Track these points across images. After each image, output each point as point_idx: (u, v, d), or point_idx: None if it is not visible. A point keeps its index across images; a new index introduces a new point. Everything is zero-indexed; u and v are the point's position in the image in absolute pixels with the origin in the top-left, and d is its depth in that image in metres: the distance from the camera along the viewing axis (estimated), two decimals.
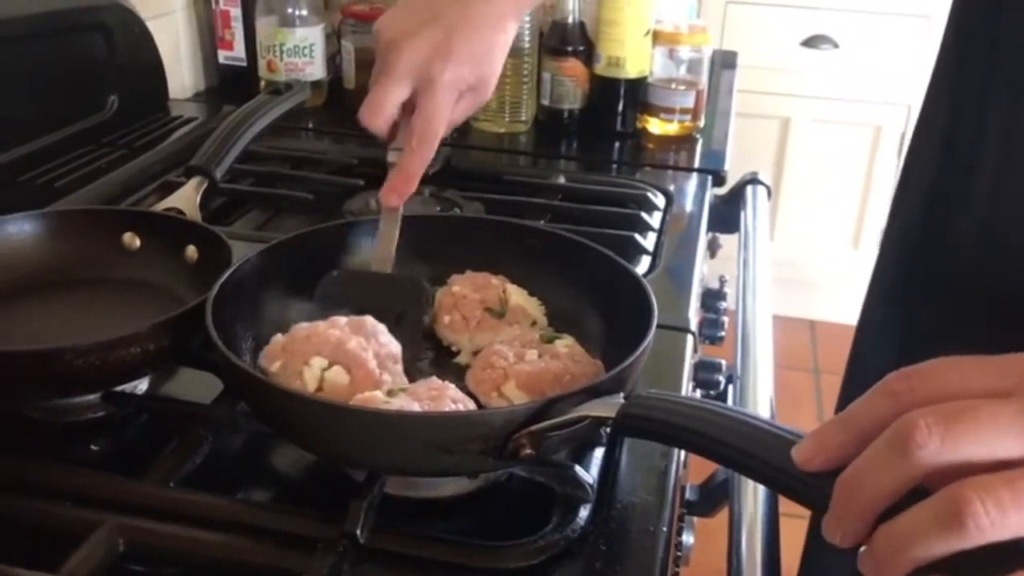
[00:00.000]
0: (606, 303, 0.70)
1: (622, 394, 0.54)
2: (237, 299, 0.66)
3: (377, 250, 0.73)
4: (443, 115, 0.73)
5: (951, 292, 0.72)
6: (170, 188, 0.95)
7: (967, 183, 0.69)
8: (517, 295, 0.72)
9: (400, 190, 0.73)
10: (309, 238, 0.75)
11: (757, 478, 0.46)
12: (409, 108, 0.74)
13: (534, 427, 0.52)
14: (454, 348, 0.71)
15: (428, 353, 0.71)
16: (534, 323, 0.71)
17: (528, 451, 0.52)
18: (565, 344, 0.66)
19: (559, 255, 0.74)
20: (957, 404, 0.36)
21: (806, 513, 0.44)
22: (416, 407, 0.56)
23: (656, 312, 0.62)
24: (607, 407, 0.52)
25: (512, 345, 0.65)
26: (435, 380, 0.60)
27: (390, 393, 0.58)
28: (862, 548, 0.39)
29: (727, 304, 1.10)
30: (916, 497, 0.37)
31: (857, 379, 0.86)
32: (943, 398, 0.37)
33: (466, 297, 0.71)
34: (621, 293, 0.68)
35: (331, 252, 0.75)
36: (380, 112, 0.73)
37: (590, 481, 0.58)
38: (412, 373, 0.65)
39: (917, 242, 0.76)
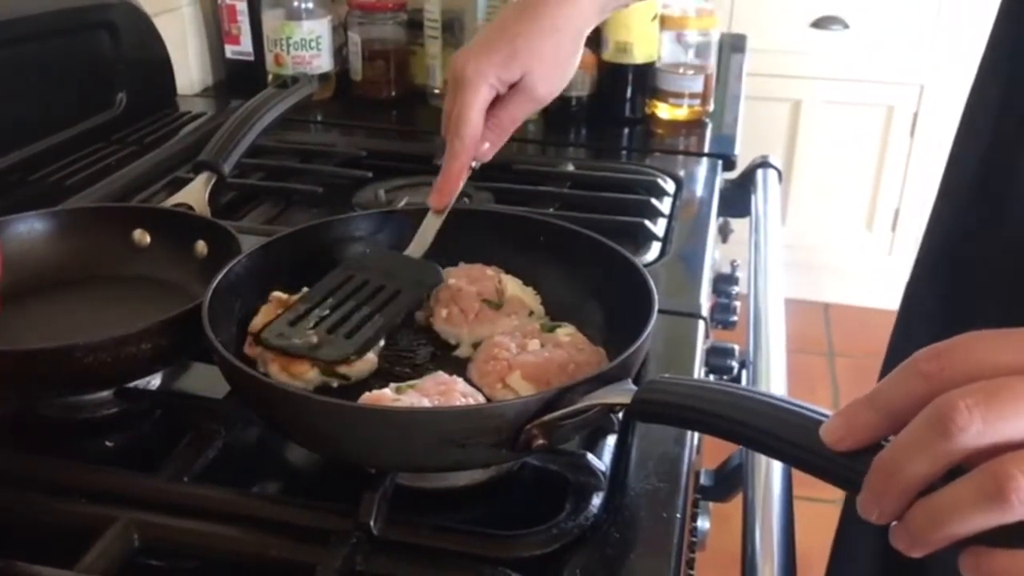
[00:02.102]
0: (603, 290, 0.70)
1: (630, 380, 0.54)
2: (234, 296, 0.65)
3: (417, 237, 0.73)
4: (470, 112, 0.71)
5: (1003, 267, 0.70)
6: (179, 184, 0.95)
7: (1017, 155, 0.68)
8: (513, 286, 0.71)
9: (442, 190, 0.73)
10: (305, 233, 0.74)
11: (783, 458, 0.46)
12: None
13: (546, 417, 0.52)
14: (452, 342, 0.70)
15: (428, 349, 0.70)
16: (531, 313, 0.71)
17: (540, 441, 0.52)
18: (566, 333, 0.65)
19: (553, 244, 0.74)
20: (995, 383, 0.36)
21: (823, 497, 0.44)
22: (426, 403, 0.56)
23: (656, 297, 0.62)
24: (620, 394, 0.52)
25: (513, 336, 0.65)
26: (442, 375, 0.60)
27: (398, 390, 0.57)
28: (894, 522, 0.39)
29: (739, 288, 1.10)
30: (949, 473, 0.37)
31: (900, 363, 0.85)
32: (975, 376, 0.37)
33: (462, 290, 0.70)
34: (619, 280, 0.68)
35: (331, 246, 0.74)
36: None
37: (602, 469, 0.58)
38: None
39: (968, 219, 0.75)
